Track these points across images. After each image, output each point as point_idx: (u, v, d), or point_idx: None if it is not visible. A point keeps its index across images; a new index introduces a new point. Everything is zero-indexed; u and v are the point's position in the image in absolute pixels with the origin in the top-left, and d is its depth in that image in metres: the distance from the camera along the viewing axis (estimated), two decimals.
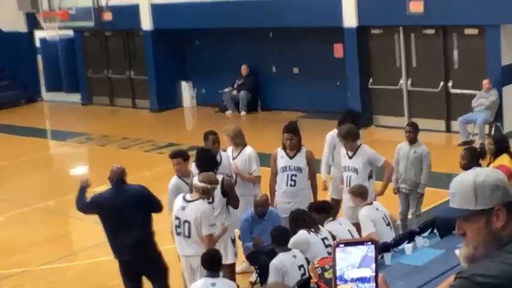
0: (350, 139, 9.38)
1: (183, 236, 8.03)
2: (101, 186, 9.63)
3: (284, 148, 9.50)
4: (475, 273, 2.67)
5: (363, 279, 2.52)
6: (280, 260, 7.73)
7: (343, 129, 9.57)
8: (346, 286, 2.52)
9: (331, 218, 8.62)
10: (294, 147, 9.42)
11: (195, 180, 8.16)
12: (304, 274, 7.67)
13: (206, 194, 7.99)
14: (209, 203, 8.13)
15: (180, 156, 9.09)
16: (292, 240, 8.02)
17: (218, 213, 8.59)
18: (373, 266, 2.53)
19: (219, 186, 8.49)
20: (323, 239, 8.06)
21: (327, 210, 8.66)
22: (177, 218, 8.06)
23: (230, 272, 8.82)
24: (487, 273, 2.66)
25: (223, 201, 8.69)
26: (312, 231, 8.07)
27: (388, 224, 8.75)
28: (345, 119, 9.90)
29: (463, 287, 2.67)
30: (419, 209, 10.26)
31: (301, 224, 8.17)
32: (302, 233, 8.07)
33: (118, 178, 8.36)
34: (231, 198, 8.77)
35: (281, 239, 7.92)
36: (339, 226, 8.50)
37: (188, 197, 8.05)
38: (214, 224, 8.04)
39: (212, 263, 7.36)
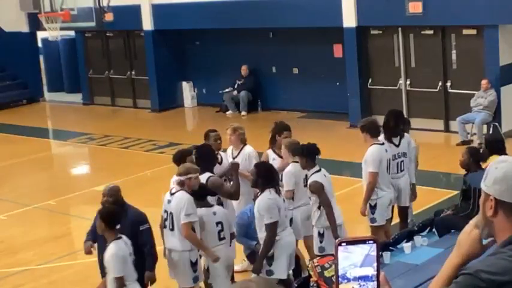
0: (364, 130, 9.35)
1: (169, 229, 8.17)
2: (101, 186, 9.68)
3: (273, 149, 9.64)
4: (479, 269, 2.68)
5: (365, 278, 2.54)
6: None
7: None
8: (349, 285, 2.54)
9: (317, 169, 8.56)
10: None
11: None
12: (222, 231, 8.11)
13: (187, 185, 8.06)
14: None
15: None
16: (262, 204, 7.95)
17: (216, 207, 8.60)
18: (375, 264, 2.55)
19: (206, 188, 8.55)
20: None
21: (314, 153, 8.62)
22: (165, 211, 8.22)
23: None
24: (492, 270, 2.66)
25: (215, 198, 8.72)
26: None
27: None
28: (389, 120, 9.74)
29: (468, 283, 2.67)
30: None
31: (270, 183, 8.03)
32: (273, 197, 7.96)
33: (114, 199, 7.98)
34: (223, 194, 8.77)
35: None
36: (324, 178, 8.52)
37: (173, 190, 8.17)
38: (191, 214, 7.97)
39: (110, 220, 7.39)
